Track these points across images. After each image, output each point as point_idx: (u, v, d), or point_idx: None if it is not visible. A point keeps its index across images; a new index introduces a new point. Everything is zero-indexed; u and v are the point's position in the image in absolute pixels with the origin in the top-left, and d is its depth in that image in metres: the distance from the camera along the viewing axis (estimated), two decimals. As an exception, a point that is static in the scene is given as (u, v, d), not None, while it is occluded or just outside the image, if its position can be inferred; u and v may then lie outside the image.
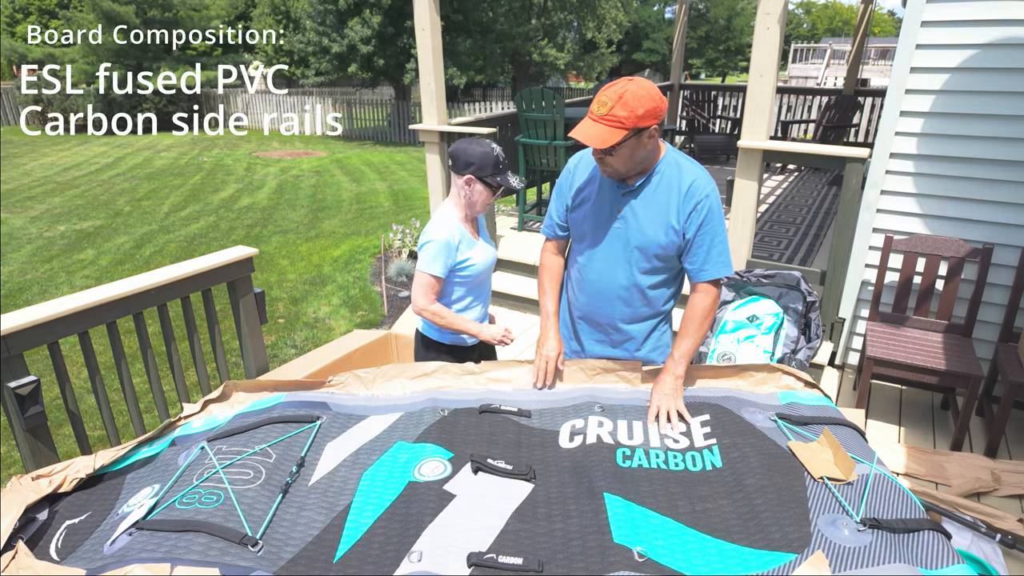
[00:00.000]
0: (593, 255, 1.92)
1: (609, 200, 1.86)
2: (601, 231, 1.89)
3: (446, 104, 4.81)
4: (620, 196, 1.84)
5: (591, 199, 1.89)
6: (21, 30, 20.72)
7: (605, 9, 23.05)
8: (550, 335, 1.98)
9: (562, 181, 1.97)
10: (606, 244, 1.89)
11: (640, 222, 1.83)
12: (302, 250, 6.81)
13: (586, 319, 2.04)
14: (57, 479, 1.54)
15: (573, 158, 1.97)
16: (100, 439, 3.38)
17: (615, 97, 1.64)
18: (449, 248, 2.11)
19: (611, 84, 1.69)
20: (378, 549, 1.32)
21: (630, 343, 2.02)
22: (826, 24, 46.26)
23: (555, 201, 2.00)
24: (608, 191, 1.86)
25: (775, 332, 3.29)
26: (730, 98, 9.10)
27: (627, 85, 1.66)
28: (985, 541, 1.75)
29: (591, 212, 1.89)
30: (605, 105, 1.65)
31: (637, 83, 1.67)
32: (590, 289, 1.97)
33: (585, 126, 1.69)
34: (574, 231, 1.97)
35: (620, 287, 1.92)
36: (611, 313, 1.97)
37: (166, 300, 2.42)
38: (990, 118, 2.96)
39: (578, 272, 1.99)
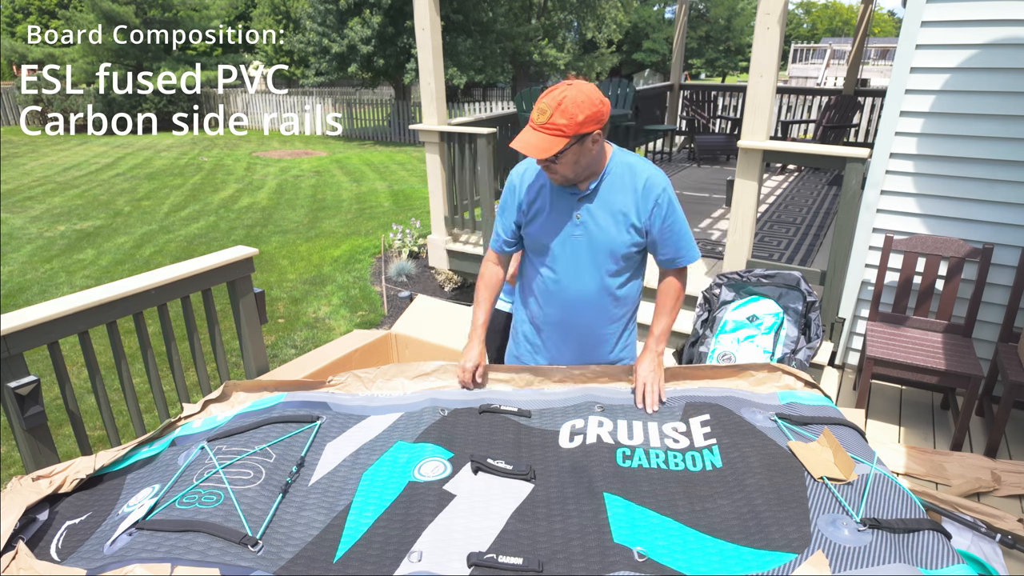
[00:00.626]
0: (557, 265, 1.87)
1: (565, 207, 1.81)
2: (562, 239, 1.83)
3: (446, 104, 4.81)
4: (576, 202, 1.80)
5: (546, 209, 1.83)
6: (21, 30, 20.72)
7: (605, 9, 23.05)
8: (474, 345, 1.95)
9: (507, 197, 1.90)
10: (570, 252, 1.84)
11: (601, 225, 1.80)
12: (302, 250, 6.82)
13: (557, 329, 1.98)
14: (57, 480, 1.54)
15: (515, 171, 1.89)
16: (100, 439, 3.38)
17: (554, 105, 1.59)
18: None
19: (551, 90, 1.63)
20: (378, 549, 1.32)
21: (603, 346, 2.00)
22: (826, 24, 46.26)
23: (501, 217, 1.92)
24: (562, 198, 1.81)
25: (775, 332, 3.29)
26: (730, 98, 9.10)
27: (566, 91, 1.61)
28: (985, 541, 1.75)
29: (548, 222, 1.83)
30: (544, 113, 1.60)
31: (577, 88, 1.62)
32: (560, 299, 1.91)
33: (526, 136, 1.64)
34: (532, 244, 1.90)
35: (591, 292, 1.89)
36: (585, 320, 1.94)
37: (166, 300, 2.42)
38: (990, 118, 2.96)
39: (543, 284, 1.92)
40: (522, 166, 1.89)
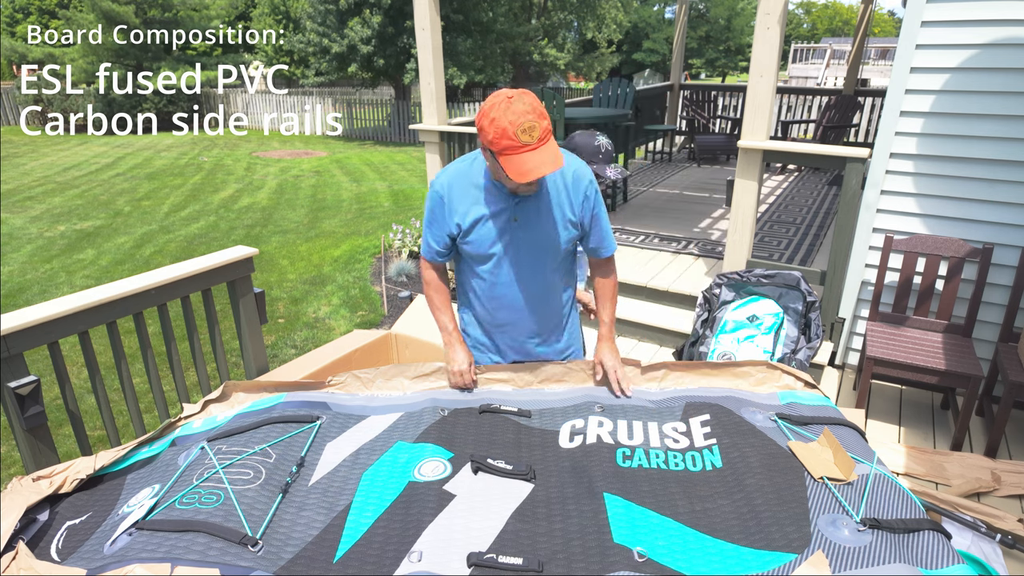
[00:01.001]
0: (501, 269, 1.85)
1: (503, 211, 1.78)
2: (504, 243, 1.81)
3: (446, 104, 4.81)
4: (513, 205, 1.77)
5: (484, 216, 1.78)
6: (21, 30, 20.72)
7: (605, 9, 23.06)
8: (457, 348, 1.95)
9: (435, 210, 1.83)
10: (512, 254, 1.82)
11: (540, 223, 1.80)
12: (302, 250, 6.82)
13: (507, 331, 1.98)
14: (58, 480, 1.54)
15: (439, 183, 1.82)
16: (100, 439, 3.38)
17: (534, 115, 1.54)
18: None
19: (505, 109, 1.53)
20: (378, 549, 1.32)
21: (553, 336, 2.03)
22: (826, 24, 46.25)
23: (431, 228, 1.87)
24: (498, 203, 1.77)
25: (775, 332, 3.29)
26: (730, 98, 9.09)
27: (523, 98, 1.55)
28: (985, 541, 1.75)
29: (487, 230, 1.80)
30: (535, 128, 1.54)
31: (519, 93, 1.57)
32: (507, 303, 1.90)
33: (538, 157, 1.54)
34: (473, 252, 1.84)
35: (538, 290, 1.90)
36: (535, 318, 1.95)
37: (166, 300, 2.42)
38: (990, 118, 2.96)
39: (488, 289, 1.90)
40: (445, 177, 1.82)
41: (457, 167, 1.84)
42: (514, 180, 1.57)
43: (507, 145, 1.54)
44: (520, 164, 1.55)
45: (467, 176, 1.80)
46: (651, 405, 1.87)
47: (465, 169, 1.82)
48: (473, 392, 1.96)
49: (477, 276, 1.90)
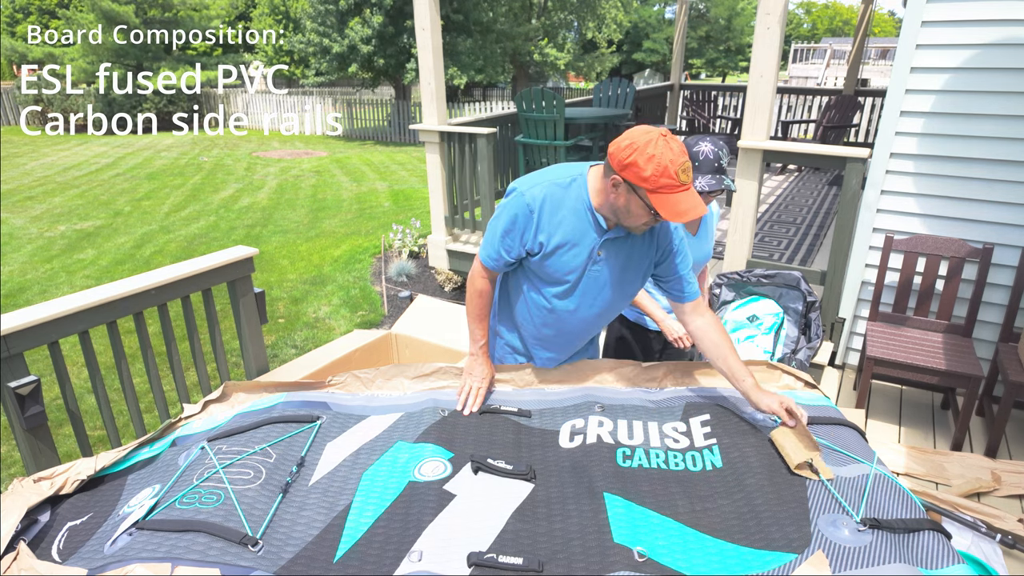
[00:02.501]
0: (570, 298, 1.83)
1: (588, 244, 1.74)
2: (579, 275, 1.78)
3: (446, 104, 4.81)
4: (600, 241, 1.73)
5: (569, 243, 1.73)
6: (21, 30, 20.72)
7: (605, 9, 23.06)
8: (481, 361, 1.90)
9: (520, 221, 1.72)
10: (583, 286, 1.80)
11: (620, 265, 1.78)
12: (302, 250, 6.82)
13: (548, 343, 1.98)
14: (59, 481, 1.54)
15: (532, 196, 1.71)
16: (100, 439, 3.38)
17: (686, 158, 1.53)
18: None
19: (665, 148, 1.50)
20: (378, 549, 1.32)
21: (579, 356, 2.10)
22: (826, 24, 46.24)
23: (507, 238, 1.76)
24: (587, 235, 1.73)
25: (775, 332, 3.29)
26: (730, 98, 9.10)
27: (673, 140, 1.53)
28: (985, 541, 1.75)
29: (570, 257, 1.75)
30: (689, 169, 1.53)
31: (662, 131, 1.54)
32: (564, 327, 1.91)
33: (690, 199, 1.52)
34: (542, 274, 1.81)
35: (592, 324, 1.92)
36: (575, 344, 2.01)
37: (166, 300, 2.42)
38: (990, 118, 2.96)
39: (548, 310, 1.87)
40: (539, 191, 1.71)
41: (552, 184, 1.72)
42: (668, 219, 1.54)
43: (666, 184, 1.51)
44: (676, 204, 1.52)
45: (562, 197, 1.71)
46: (651, 405, 1.87)
47: (561, 188, 1.71)
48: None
49: (539, 293, 1.86)
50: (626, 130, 1.65)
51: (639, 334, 2.51)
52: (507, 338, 2.04)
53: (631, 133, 1.55)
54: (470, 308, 1.91)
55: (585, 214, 1.70)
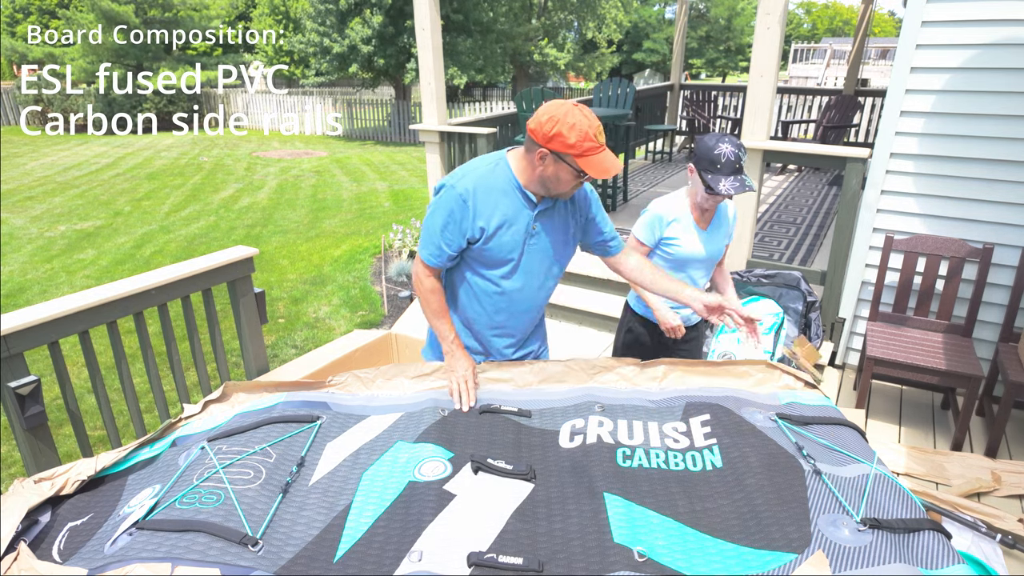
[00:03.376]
0: (515, 275, 1.90)
1: (524, 220, 1.84)
2: (522, 252, 1.87)
3: (446, 104, 4.81)
4: (534, 214, 1.84)
5: (506, 223, 1.82)
6: (21, 30, 20.72)
7: (605, 9, 23.06)
8: (459, 355, 1.93)
9: (456, 213, 1.78)
10: (526, 262, 1.89)
11: (552, 234, 1.89)
12: (302, 250, 6.82)
13: (503, 331, 2.03)
14: (59, 482, 1.54)
15: (461, 186, 1.78)
16: (100, 439, 3.38)
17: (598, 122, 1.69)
18: (658, 221, 2.32)
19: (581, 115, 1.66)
20: (378, 549, 1.32)
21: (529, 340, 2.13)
22: (826, 24, 46.23)
23: (446, 232, 1.80)
24: (520, 212, 1.82)
25: (775, 332, 3.29)
26: (730, 98, 9.09)
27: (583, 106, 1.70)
28: (985, 541, 1.75)
29: (509, 236, 1.84)
30: (601, 132, 1.69)
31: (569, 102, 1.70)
32: (514, 308, 1.96)
33: (610, 158, 1.70)
34: (488, 258, 1.87)
35: (540, 297, 1.99)
36: (529, 320, 2.05)
37: (166, 300, 2.42)
38: (991, 118, 2.96)
39: (496, 293, 1.93)
40: (468, 181, 1.79)
41: (479, 172, 1.81)
42: (595, 177, 1.69)
43: (589, 147, 1.66)
44: (600, 163, 1.68)
45: (491, 181, 1.80)
46: (651, 405, 1.87)
47: (487, 174, 1.81)
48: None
49: (484, 279, 1.92)
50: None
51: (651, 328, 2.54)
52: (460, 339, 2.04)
53: (547, 108, 1.69)
54: (428, 308, 1.95)
55: (515, 193, 1.81)
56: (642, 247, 2.40)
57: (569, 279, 4.37)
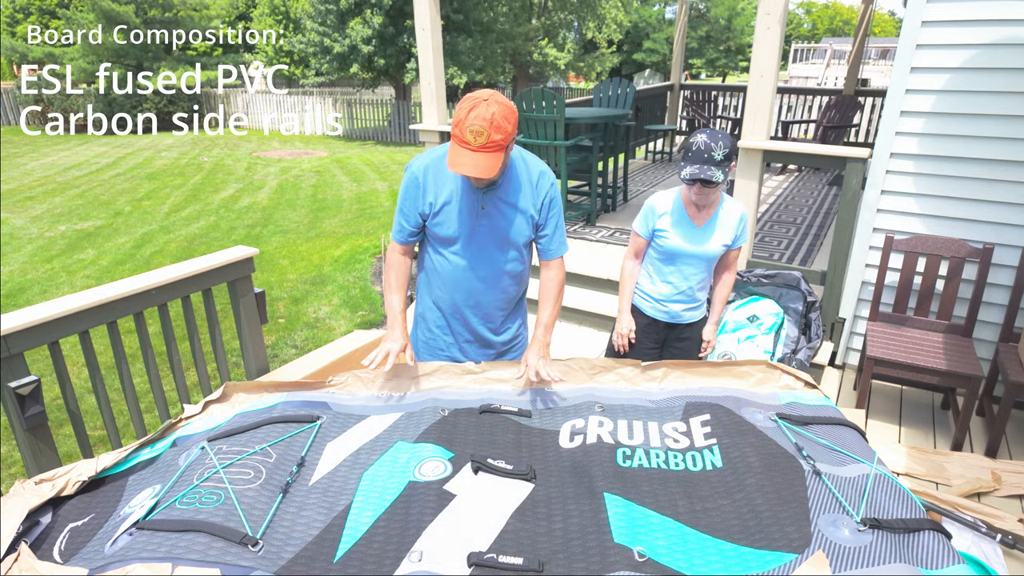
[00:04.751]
0: (464, 253, 1.97)
1: (472, 199, 1.91)
2: (470, 229, 1.94)
3: (446, 104, 4.81)
4: (482, 194, 1.90)
5: (454, 200, 1.91)
6: (21, 30, 20.71)
7: (605, 9, 23.06)
8: (397, 329, 2.00)
9: (410, 190, 1.95)
10: (477, 240, 1.95)
11: (505, 215, 1.94)
12: (302, 250, 6.82)
13: (463, 314, 2.08)
14: (60, 483, 1.54)
15: (416, 165, 1.95)
16: (100, 439, 3.38)
17: (487, 124, 1.66)
18: (651, 212, 2.36)
19: (471, 108, 1.67)
20: (378, 549, 1.32)
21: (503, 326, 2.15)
22: (826, 24, 46.22)
23: (405, 208, 1.98)
24: (470, 190, 1.90)
25: (775, 332, 3.29)
26: (730, 98, 9.09)
27: (490, 107, 1.67)
28: (985, 541, 1.75)
29: (456, 213, 1.92)
30: (481, 134, 1.67)
31: (494, 100, 1.69)
32: (466, 285, 2.02)
33: (468, 159, 1.69)
34: (439, 233, 1.97)
35: (494, 276, 2.02)
36: (491, 302, 2.07)
37: (167, 300, 2.42)
38: (991, 118, 2.96)
39: (450, 271, 2.02)
40: (421, 161, 1.94)
41: (434, 153, 1.94)
42: (447, 166, 1.73)
43: (456, 135, 1.71)
44: (455, 155, 1.71)
45: (442, 160, 1.89)
46: (651, 405, 1.87)
47: (441, 155, 1.91)
48: (473, 392, 1.96)
49: (441, 256, 2.01)
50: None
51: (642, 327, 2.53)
52: (431, 319, 2.14)
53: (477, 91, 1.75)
54: (386, 281, 2.07)
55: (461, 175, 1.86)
56: (638, 239, 2.43)
57: (569, 279, 4.37)
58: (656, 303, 2.48)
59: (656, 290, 2.46)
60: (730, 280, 2.50)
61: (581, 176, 5.25)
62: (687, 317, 2.50)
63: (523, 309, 2.24)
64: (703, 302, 2.53)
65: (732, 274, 2.49)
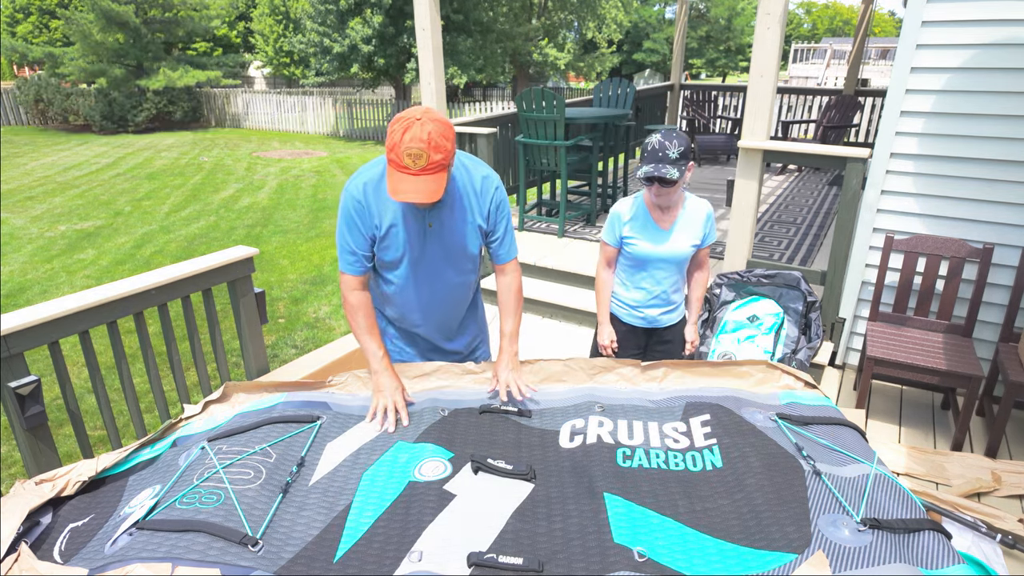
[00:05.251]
0: (417, 272, 1.90)
1: (416, 216, 1.81)
2: (419, 247, 1.86)
3: (446, 104, 4.80)
4: (427, 212, 1.81)
5: (399, 221, 1.81)
6: (21, 30, 20.72)
7: (605, 9, 23.06)
8: (386, 375, 1.86)
9: (354, 215, 1.80)
10: (427, 257, 1.88)
11: (452, 229, 1.86)
12: (302, 250, 6.82)
13: (421, 331, 2.06)
14: (60, 483, 1.54)
15: (355, 187, 1.80)
16: (100, 439, 3.38)
17: (424, 145, 1.57)
18: (615, 219, 2.32)
19: (404, 129, 1.57)
20: (378, 549, 1.32)
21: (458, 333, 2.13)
22: (826, 24, 46.22)
23: (352, 235, 1.83)
24: (413, 210, 1.81)
25: (775, 332, 3.29)
26: (730, 98, 9.09)
27: (424, 126, 1.57)
28: (985, 541, 1.75)
29: (404, 233, 1.83)
30: (420, 157, 1.57)
31: (428, 118, 1.59)
32: (418, 304, 1.97)
33: (410, 184, 1.59)
34: (384, 258, 1.88)
35: (450, 291, 1.98)
36: (449, 316, 2.04)
37: (166, 300, 2.42)
38: (991, 118, 2.96)
39: (401, 293, 1.94)
40: (359, 181, 1.80)
41: (370, 172, 1.81)
42: (389, 193, 1.62)
43: (392, 159, 1.61)
44: (395, 181, 1.61)
45: (380, 181, 1.79)
46: (651, 405, 1.87)
47: (379, 175, 1.80)
48: (473, 392, 1.96)
49: (388, 282, 1.94)
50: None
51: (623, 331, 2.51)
52: (391, 332, 2.11)
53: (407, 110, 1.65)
54: (355, 325, 1.91)
55: None
56: (607, 248, 2.40)
57: (569, 279, 4.37)
58: (632, 310, 2.45)
59: (631, 296, 2.44)
60: (703, 278, 2.49)
61: (581, 176, 5.26)
62: (665, 320, 2.48)
63: (479, 315, 2.20)
64: (679, 304, 2.51)
65: (705, 272, 2.49)
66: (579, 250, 4.69)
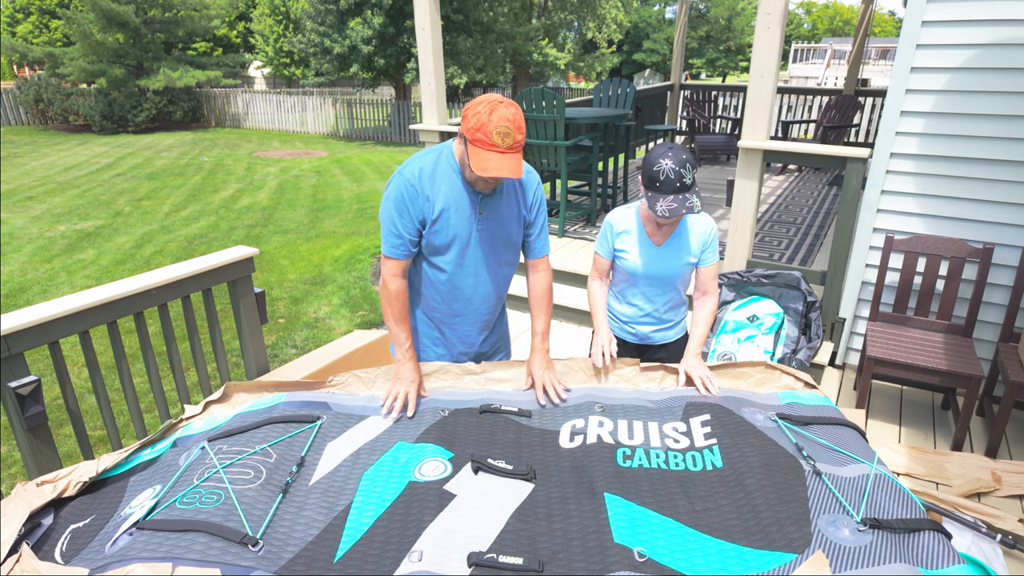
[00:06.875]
0: (464, 257, 1.92)
1: (469, 203, 1.86)
2: (469, 235, 1.89)
3: (446, 104, 4.80)
4: (480, 199, 1.87)
5: (451, 207, 1.84)
6: (21, 30, 20.72)
7: (605, 9, 23.07)
8: (410, 366, 1.91)
9: (406, 198, 1.82)
10: (474, 245, 1.91)
11: (500, 218, 1.92)
12: (302, 250, 6.82)
13: (459, 322, 2.05)
14: (61, 484, 1.54)
15: (408, 173, 1.83)
16: (101, 439, 3.38)
17: (512, 125, 1.66)
18: (609, 230, 2.17)
19: (491, 110, 1.65)
20: (378, 549, 1.32)
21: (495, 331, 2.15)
22: (826, 24, 46.21)
23: (401, 219, 1.84)
24: (466, 195, 1.85)
25: (775, 332, 3.29)
26: (730, 98, 9.09)
27: (508, 108, 1.67)
28: (986, 541, 1.75)
29: (456, 219, 1.86)
30: (509, 135, 1.66)
31: (508, 102, 1.70)
32: (463, 293, 1.98)
33: (500, 161, 1.67)
34: (434, 242, 1.88)
35: (494, 280, 2.00)
36: (488, 307, 2.05)
37: (167, 300, 2.42)
38: (991, 118, 2.96)
39: (449, 279, 1.94)
40: (415, 165, 1.84)
41: (425, 158, 1.87)
42: (473, 171, 1.69)
43: (480, 139, 1.68)
44: (484, 159, 1.68)
45: (434, 167, 1.85)
46: (651, 405, 1.87)
47: (434, 160, 1.86)
48: (473, 392, 1.96)
49: (435, 267, 1.95)
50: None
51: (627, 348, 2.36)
52: (423, 331, 2.09)
53: (484, 95, 1.72)
54: (391, 311, 1.94)
55: (457, 178, 1.85)
56: (600, 259, 2.21)
57: (569, 279, 4.38)
58: (623, 324, 2.29)
59: (621, 310, 2.28)
60: (709, 303, 2.15)
61: (581, 176, 5.26)
62: (658, 338, 2.28)
63: (504, 309, 2.25)
64: (677, 322, 2.29)
65: (710, 297, 2.15)
66: (579, 250, 4.68)
